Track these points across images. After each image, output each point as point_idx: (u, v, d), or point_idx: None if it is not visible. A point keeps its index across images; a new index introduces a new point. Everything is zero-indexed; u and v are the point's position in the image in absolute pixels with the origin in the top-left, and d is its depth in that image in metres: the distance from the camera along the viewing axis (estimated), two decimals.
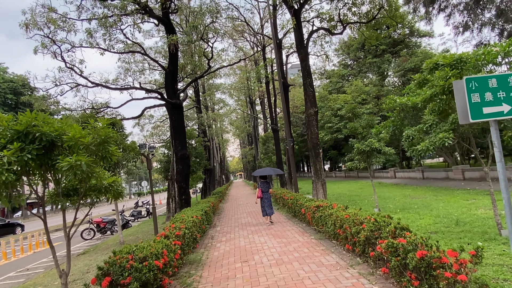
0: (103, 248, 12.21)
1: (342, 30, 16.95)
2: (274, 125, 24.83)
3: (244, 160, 70.25)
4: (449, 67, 6.75)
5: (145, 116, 27.10)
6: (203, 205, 13.34)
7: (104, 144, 4.21)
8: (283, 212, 14.17)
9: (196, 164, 20.29)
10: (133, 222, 24.57)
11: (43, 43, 11.52)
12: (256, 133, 43.49)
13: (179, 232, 7.11)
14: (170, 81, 15.06)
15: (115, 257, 5.07)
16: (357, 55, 40.08)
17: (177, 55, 14.22)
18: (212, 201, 16.29)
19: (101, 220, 17.94)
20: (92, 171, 4.11)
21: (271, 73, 23.81)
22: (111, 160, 4.38)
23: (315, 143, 15.33)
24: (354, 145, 11.21)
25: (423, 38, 39.11)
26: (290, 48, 22.45)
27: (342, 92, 37.32)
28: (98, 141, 4.16)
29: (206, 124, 28.75)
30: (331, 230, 7.46)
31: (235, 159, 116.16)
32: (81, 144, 4.08)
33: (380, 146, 10.83)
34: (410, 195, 16.14)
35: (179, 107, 15.10)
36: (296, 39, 16.17)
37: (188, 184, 15.32)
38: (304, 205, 10.46)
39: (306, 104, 15.85)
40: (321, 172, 15.22)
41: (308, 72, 15.95)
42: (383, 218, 5.82)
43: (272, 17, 18.39)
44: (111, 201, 5.36)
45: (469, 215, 9.60)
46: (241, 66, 40.49)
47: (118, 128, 11.75)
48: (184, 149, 15.08)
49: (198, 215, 10.16)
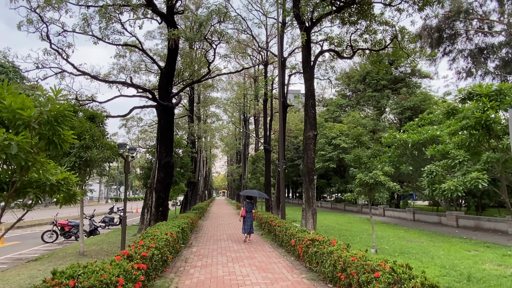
0: (60, 257, 10.62)
1: (351, 55, 16.27)
2: (267, 145, 23.78)
3: (230, 178, 68.63)
4: (487, 97, 5.85)
5: (133, 118, 25.80)
6: (181, 221, 11.95)
7: (54, 124, 2.99)
8: (268, 240, 12.85)
9: (179, 175, 18.90)
10: (104, 229, 22.71)
11: (29, 18, 10.36)
12: (246, 151, 42.35)
13: (147, 252, 5.79)
14: (164, 82, 13.97)
15: (52, 281, 3.77)
16: (357, 87, 39.90)
17: (176, 53, 13.24)
18: (192, 217, 14.86)
19: (66, 223, 16.20)
20: (30, 159, 2.89)
21: (271, 91, 23.00)
22: (61, 148, 3.16)
23: (311, 168, 14.24)
24: (357, 175, 10.14)
25: (423, 79, 39.29)
26: (293, 69, 21.77)
27: (339, 121, 36.78)
28: (45, 119, 2.95)
29: (196, 135, 27.50)
30: (329, 271, 6.24)
31: (221, 175, 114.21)
32: (20, 118, 2.87)
33: (385, 180, 9.79)
34: (405, 237, 15.05)
35: (170, 110, 13.94)
36: (303, 57, 15.39)
37: (168, 195, 13.95)
38: (295, 235, 9.22)
39: (306, 126, 14.87)
40: (313, 201, 14.06)
41: (311, 93, 15.09)
42: (402, 268, 4.67)
43: (280, 34, 17.71)
44: (61, 205, 4.08)
45: (478, 269, 8.52)
46: (240, 82, 39.91)
47: (98, 123, 10.47)
48: (169, 156, 13.81)
49: (173, 232, 8.81)
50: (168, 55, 13.66)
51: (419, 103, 33.81)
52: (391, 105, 36.64)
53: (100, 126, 10.35)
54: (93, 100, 13.80)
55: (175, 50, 13.43)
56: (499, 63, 27.28)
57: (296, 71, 21.54)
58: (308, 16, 15.19)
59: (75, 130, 9.07)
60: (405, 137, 20.10)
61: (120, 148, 9.52)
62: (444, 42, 29.63)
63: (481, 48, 28.36)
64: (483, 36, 28.20)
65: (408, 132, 21.28)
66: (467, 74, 29.25)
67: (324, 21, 16.70)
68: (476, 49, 28.46)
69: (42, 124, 2.96)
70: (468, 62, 29.22)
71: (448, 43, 29.64)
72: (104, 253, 10.82)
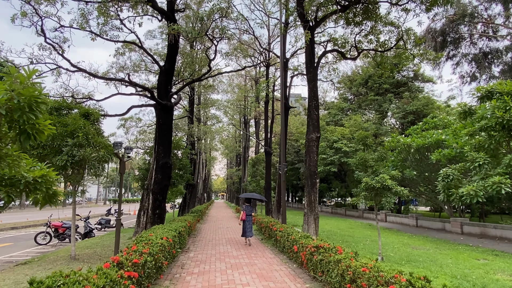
0: (50, 260, 10.13)
1: (356, 56, 15.86)
2: (268, 147, 23.32)
3: (229, 181, 68.04)
4: (508, 96, 5.41)
5: (132, 119, 25.36)
6: (178, 224, 11.48)
7: (26, 111, 2.54)
8: (268, 245, 12.37)
9: (178, 177, 18.42)
10: (100, 231, 22.20)
11: (24, 11, 9.94)
12: (246, 154, 41.86)
13: (139, 259, 5.33)
14: (163, 80, 13.55)
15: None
16: (359, 91, 39.52)
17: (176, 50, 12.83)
18: (190, 220, 14.38)
19: (60, 225, 15.71)
20: None
21: (272, 92, 22.60)
22: (35, 139, 2.71)
23: (313, 171, 13.78)
24: (363, 179, 9.68)
25: (426, 84, 38.92)
26: (295, 70, 21.39)
27: (340, 125, 36.36)
28: (16, 104, 2.51)
29: (196, 137, 27.04)
30: (336, 281, 5.78)
31: (220, 178, 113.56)
32: None
33: (393, 184, 9.33)
34: (409, 243, 14.57)
35: (169, 109, 13.51)
36: (306, 57, 14.99)
37: (166, 197, 13.48)
38: (297, 241, 8.76)
39: (308, 127, 14.44)
40: (315, 205, 13.58)
41: (314, 94, 14.66)
42: (420, 282, 4.22)
43: (283, 34, 17.33)
44: (40, 206, 3.62)
45: (492, 280, 8.05)
46: (240, 84, 39.52)
47: (93, 120, 10.03)
48: (167, 157, 13.36)
49: (169, 237, 8.34)
50: (168, 52, 13.26)
51: (422, 108, 33.40)
52: (393, 109, 36.24)
53: (95, 124, 9.90)
54: (90, 98, 13.36)
55: (175, 47, 13.02)
56: (504, 67, 26.91)
57: (298, 72, 21.16)
58: (312, 15, 14.82)
59: (68, 127, 8.64)
60: (409, 141, 19.66)
61: (116, 147, 9.07)
62: (448, 46, 29.28)
63: (485, 53, 27.99)
64: (487, 41, 27.85)
65: (412, 136, 20.86)
66: (471, 78, 28.87)
67: (328, 22, 16.35)
68: (481, 54, 28.09)
69: (12, 110, 2.52)
70: (472, 66, 28.86)
71: (452, 47, 29.29)
72: (97, 257, 10.36)
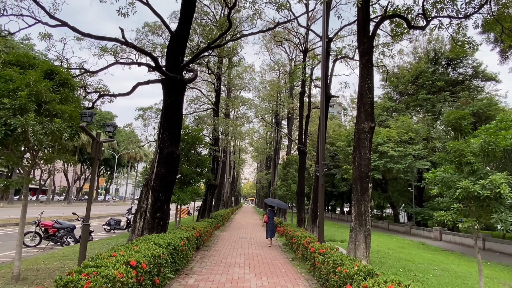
0: None
1: (425, 24, 12.09)
2: (302, 145, 19.83)
3: (258, 185, 64.79)
4: None
5: (151, 109, 22.89)
6: (180, 234, 8.39)
7: None
8: (303, 271, 8.90)
9: (194, 174, 15.43)
10: (108, 232, 19.76)
11: None
12: (277, 156, 38.49)
13: None
14: (174, 48, 10.60)
15: None
16: (408, 89, 34.96)
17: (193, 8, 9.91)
18: (200, 229, 11.26)
19: (51, 224, 13.21)
20: None
21: (310, 79, 19.14)
22: None
23: (365, 172, 10.14)
24: (459, 183, 6.02)
25: (487, 82, 33.61)
26: (339, 54, 17.88)
27: (385, 126, 32.03)
28: None
29: (221, 132, 24.10)
30: None
31: (249, 182, 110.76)
32: None
33: (510, 194, 5.64)
34: (491, 275, 10.50)
35: (180, 85, 10.52)
36: (359, 24, 11.47)
37: (170, 196, 10.47)
38: (353, 278, 5.33)
39: (359, 115, 10.83)
40: (366, 218, 9.93)
41: (368, 72, 11.04)
42: None
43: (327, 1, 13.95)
44: None
45: None
46: (273, 80, 36.38)
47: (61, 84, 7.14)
48: (174, 145, 10.35)
49: (147, 259, 5.19)
50: (181, 10, 10.34)
51: (484, 108, 28.41)
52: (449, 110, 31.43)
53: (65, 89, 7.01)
54: (83, 69, 10.71)
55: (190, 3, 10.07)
56: None
57: (342, 55, 17.58)
58: None
59: (10, 84, 5.79)
60: None
61: (84, 118, 6.11)
62: None
63: None
64: None
65: None
66: None
67: None
68: None
69: None
70: None
71: None
72: (52, 275, 7.25)
